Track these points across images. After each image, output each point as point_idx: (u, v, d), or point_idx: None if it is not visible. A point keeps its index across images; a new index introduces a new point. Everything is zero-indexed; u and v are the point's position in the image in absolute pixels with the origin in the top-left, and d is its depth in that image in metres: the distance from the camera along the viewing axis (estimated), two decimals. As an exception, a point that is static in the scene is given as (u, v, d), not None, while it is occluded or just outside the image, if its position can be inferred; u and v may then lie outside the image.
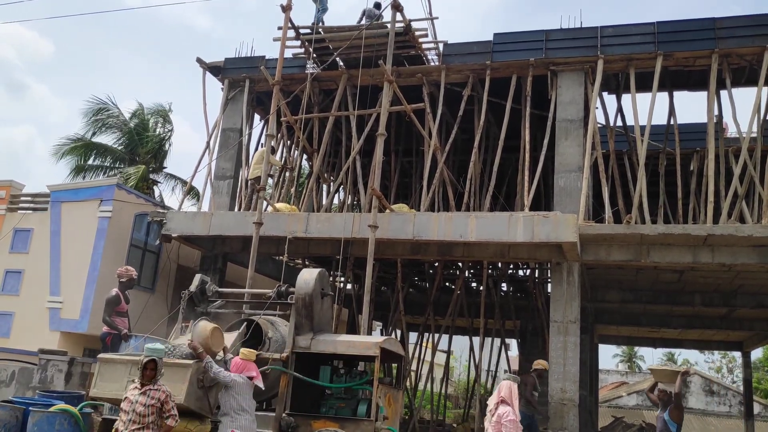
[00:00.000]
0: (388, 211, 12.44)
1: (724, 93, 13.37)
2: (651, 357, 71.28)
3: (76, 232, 14.05)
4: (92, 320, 13.35)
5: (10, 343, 13.48)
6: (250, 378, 7.37)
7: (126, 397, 6.33)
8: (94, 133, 23.83)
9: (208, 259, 14.27)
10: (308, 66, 15.22)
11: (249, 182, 14.51)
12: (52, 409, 7.97)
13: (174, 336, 9.54)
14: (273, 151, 14.19)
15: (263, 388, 7.69)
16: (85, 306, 13.51)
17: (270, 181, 16.42)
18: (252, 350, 7.69)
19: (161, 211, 14.17)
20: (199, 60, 15.73)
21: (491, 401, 7.63)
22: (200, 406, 7.46)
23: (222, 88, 15.87)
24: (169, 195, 26.35)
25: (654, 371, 9.97)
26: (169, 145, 25.05)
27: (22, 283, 14.35)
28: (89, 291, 13.55)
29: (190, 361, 7.42)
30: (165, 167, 25.06)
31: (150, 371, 6.27)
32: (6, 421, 7.81)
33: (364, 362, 10.02)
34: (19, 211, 15.04)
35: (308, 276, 9.03)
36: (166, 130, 24.91)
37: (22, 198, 15.31)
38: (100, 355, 7.92)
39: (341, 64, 14.82)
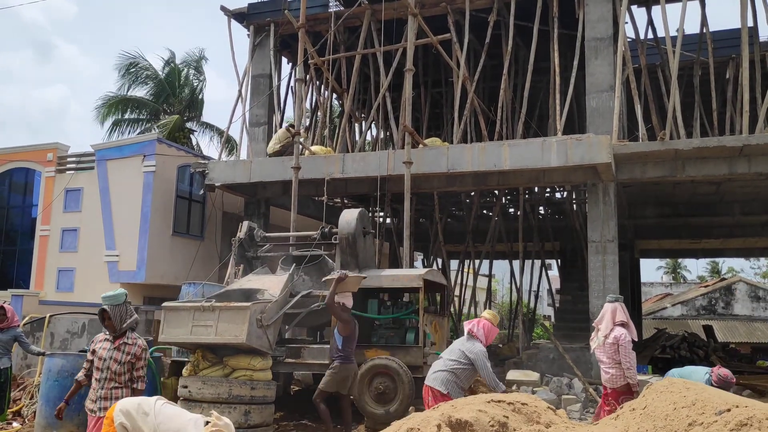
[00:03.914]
0: (421, 146, 12.64)
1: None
2: (695, 267, 70.86)
3: (123, 188, 14.65)
4: (149, 270, 14.10)
5: (74, 297, 14.35)
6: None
7: (94, 350, 5.55)
8: (129, 88, 24.33)
9: (251, 204, 14.75)
10: (331, 4, 15.18)
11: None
12: (125, 355, 8.62)
13: (229, 280, 10.12)
14: (302, 99, 14.24)
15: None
16: (140, 257, 14.22)
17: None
18: (494, 313, 7.06)
19: (202, 161, 14.63)
20: (223, 8, 15.80)
21: (603, 324, 7.40)
22: (260, 344, 8.01)
23: (248, 35, 15.99)
24: (206, 144, 26.88)
25: (326, 281, 8.50)
26: (201, 93, 25.41)
27: (79, 240, 15.11)
28: (143, 243, 14.23)
29: (248, 303, 7.94)
30: (198, 116, 25.51)
31: (107, 321, 5.48)
32: (86, 369, 8.47)
33: (409, 293, 10.46)
34: (67, 172, 15.67)
35: (349, 216, 9.42)
36: (200, 79, 25.20)
37: (69, 159, 15.90)
38: (165, 304, 8.49)
39: (364, -1, 14.75)
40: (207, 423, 4.20)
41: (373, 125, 17.95)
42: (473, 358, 6.59)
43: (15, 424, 9.46)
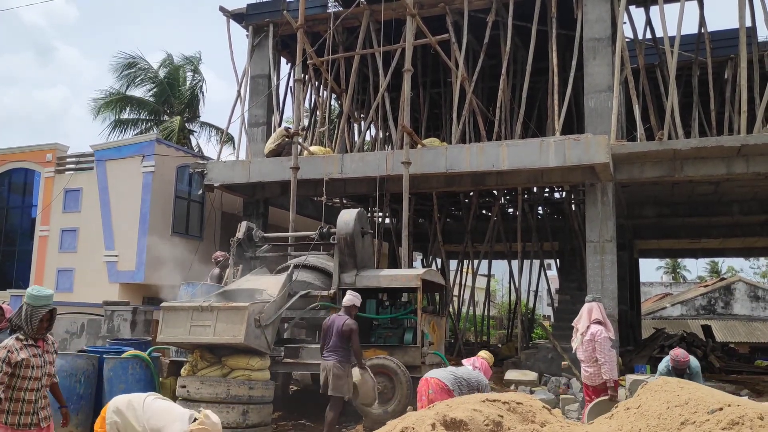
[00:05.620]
0: (420, 146, 12.65)
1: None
2: (695, 267, 70.86)
3: (122, 189, 14.67)
4: (148, 271, 14.10)
5: (73, 297, 14.35)
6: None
7: (24, 360, 4.60)
8: (127, 87, 24.33)
9: (250, 205, 14.76)
10: (330, 5, 15.19)
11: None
12: (124, 355, 8.63)
13: (228, 281, 10.14)
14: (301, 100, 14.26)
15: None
16: (139, 258, 14.24)
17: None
18: (490, 354, 7.41)
19: (201, 162, 14.64)
20: (222, 8, 15.82)
21: (581, 324, 7.59)
22: (259, 344, 8.01)
23: (247, 35, 16.00)
24: (205, 143, 26.83)
25: None
26: (202, 94, 25.47)
27: (78, 240, 15.13)
28: (142, 243, 14.25)
29: (246, 304, 7.95)
30: (199, 116, 25.56)
31: (46, 322, 4.83)
32: (84, 369, 8.46)
33: (407, 293, 10.48)
34: (66, 173, 15.68)
35: (348, 217, 9.43)
36: (197, 79, 25.25)
37: (68, 159, 15.91)
38: (163, 304, 8.51)
39: None
40: (196, 420, 4.22)
41: (371, 125, 17.96)
42: (481, 388, 6.65)
43: (14, 424, 9.45)
